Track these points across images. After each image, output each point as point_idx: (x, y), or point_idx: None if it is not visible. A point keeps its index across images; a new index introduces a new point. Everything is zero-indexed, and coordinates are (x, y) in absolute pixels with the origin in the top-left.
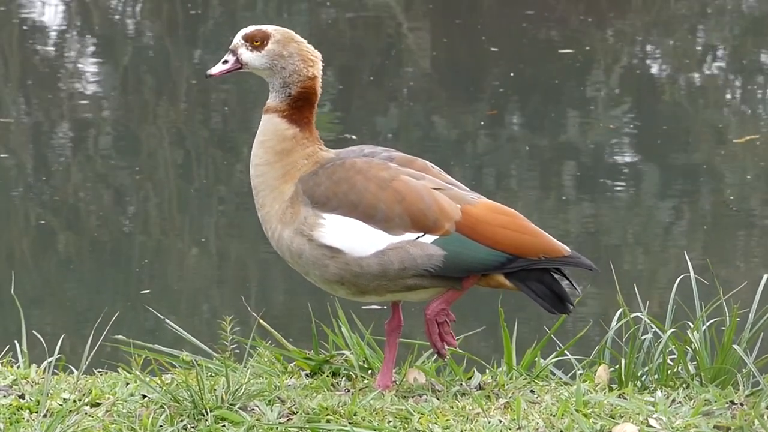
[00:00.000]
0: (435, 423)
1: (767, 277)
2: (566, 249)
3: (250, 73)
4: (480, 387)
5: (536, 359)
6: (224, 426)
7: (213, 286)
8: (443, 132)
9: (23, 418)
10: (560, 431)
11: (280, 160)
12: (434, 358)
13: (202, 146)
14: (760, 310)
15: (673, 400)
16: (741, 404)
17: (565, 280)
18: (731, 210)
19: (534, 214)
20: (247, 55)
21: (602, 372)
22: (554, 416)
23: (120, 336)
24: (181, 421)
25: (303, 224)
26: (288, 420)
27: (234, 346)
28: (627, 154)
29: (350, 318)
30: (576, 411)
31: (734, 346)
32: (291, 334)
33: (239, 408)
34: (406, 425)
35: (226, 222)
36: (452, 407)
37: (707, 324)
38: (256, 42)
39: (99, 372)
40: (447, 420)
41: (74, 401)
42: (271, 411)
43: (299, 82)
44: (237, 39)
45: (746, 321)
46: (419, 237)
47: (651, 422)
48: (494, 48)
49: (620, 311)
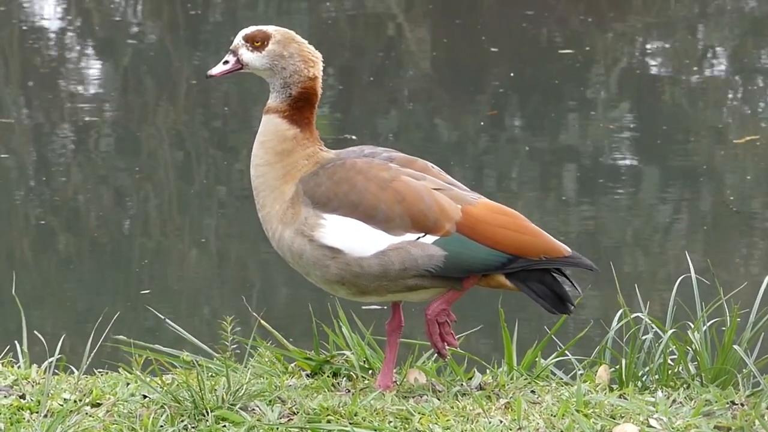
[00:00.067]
0: (436, 423)
1: None
2: (567, 249)
3: (251, 74)
4: (480, 387)
5: (537, 359)
6: (225, 426)
7: (213, 287)
8: (443, 132)
9: (24, 419)
10: (561, 431)
11: (281, 161)
12: (435, 359)
13: (203, 147)
14: (761, 311)
15: (674, 401)
16: (741, 404)
17: (566, 281)
18: (732, 210)
19: (534, 215)
20: (248, 56)
21: (603, 372)
22: (555, 416)
23: (121, 336)
24: (182, 422)
25: (304, 225)
26: (288, 420)
27: (234, 347)
28: (627, 155)
29: (351, 318)
30: (576, 411)
31: (735, 347)
32: (291, 335)
33: (240, 408)
34: (407, 425)
35: (227, 222)
36: (453, 407)
37: (708, 324)
38: (257, 42)
39: (99, 372)
40: (448, 420)
41: (75, 401)
42: (272, 411)
43: (300, 83)
44: (237, 39)
45: (747, 321)
46: (420, 237)
47: (651, 422)
48: (494, 48)
49: (621, 311)
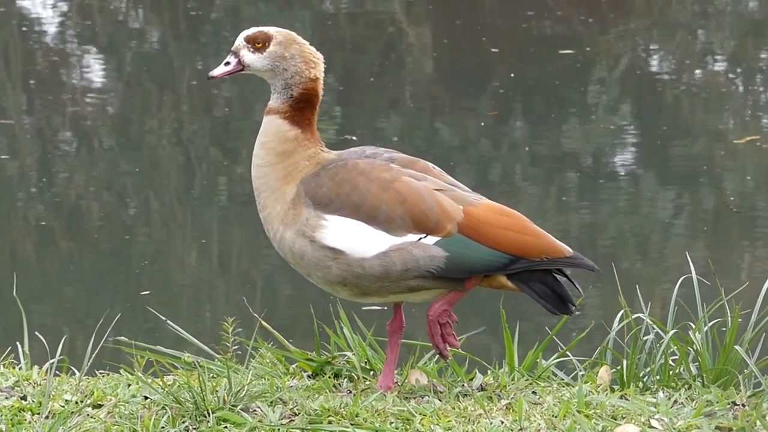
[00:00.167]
0: (437, 424)
1: None
2: (568, 250)
3: (252, 75)
4: (482, 388)
5: (538, 360)
6: (226, 427)
7: (214, 288)
8: (444, 133)
9: (25, 420)
10: None
11: (282, 162)
12: (436, 359)
13: (204, 147)
14: (762, 311)
15: (675, 401)
16: (743, 405)
17: (567, 281)
18: (732, 211)
19: (535, 215)
20: (249, 57)
21: (604, 373)
22: (556, 417)
23: (122, 337)
24: (183, 423)
25: (305, 225)
26: (290, 421)
27: (236, 348)
28: (627, 155)
29: (352, 319)
30: (578, 412)
31: (736, 347)
32: (293, 335)
33: (241, 409)
34: (408, 426)
35: (228, 223)
36: (454, 408)
37: (709, 325)
38: (258, 44)
39: (101, 373)
40: (449, 421)
41: (76, 403)
42: (273, 412)
43: (301, 84)
44: (239, 40)
45: (748, 322)
46: (421, 238)
47: (653, 423)
48: (495, 49)
49: (622, 312)
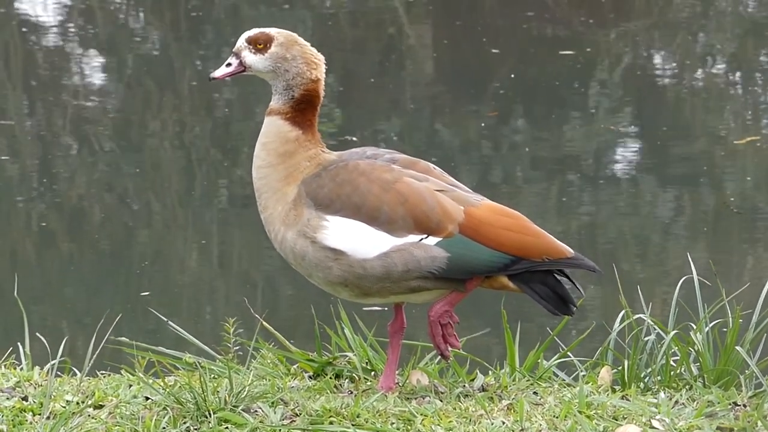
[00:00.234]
0: (438, 425)
1: None
2: (569, 250)
3: (253, 76)
4: (483, 389)
5: (539, 361)
6: (227, 428)
7: (215, 288)
8: (444, 134)
9: (26, 421)
10: None
11: (283, 162)
12: (437, 360)
13: (204, 148)
14: (763, 312)
15: (676, 402)
16: (744, 405)
17: (568, 282)
18: (733, 211)
19: (535, 216)
20: (251, 58)
21: (605, 373)
22: (557, 418)
23: (123, 338)
24: (184, 423)
25: (306, 226)
26: (291, 422)
27: (237, 348)
28: (628, 156)
29: (353, 320)
30: (579, 413)
31: (737, 348)
32: (294, 336)
33: (242, 410)
34: (409, 427)
35: (229, 224)
36: (455, 409)
37: (710, 325)
38: (260, 45)
39: (102, 374)
40: (450, 422)
41: (77, 403)
42: (274, 413)
43: (302, 85)
44: (240, 42)
45: (749, 322)
46: (422, 239)
47: (654, 424)
48: (495, 49)
49: (623, 313)
